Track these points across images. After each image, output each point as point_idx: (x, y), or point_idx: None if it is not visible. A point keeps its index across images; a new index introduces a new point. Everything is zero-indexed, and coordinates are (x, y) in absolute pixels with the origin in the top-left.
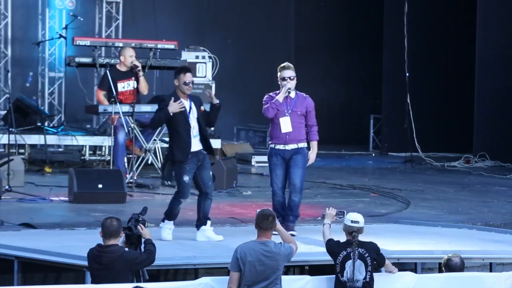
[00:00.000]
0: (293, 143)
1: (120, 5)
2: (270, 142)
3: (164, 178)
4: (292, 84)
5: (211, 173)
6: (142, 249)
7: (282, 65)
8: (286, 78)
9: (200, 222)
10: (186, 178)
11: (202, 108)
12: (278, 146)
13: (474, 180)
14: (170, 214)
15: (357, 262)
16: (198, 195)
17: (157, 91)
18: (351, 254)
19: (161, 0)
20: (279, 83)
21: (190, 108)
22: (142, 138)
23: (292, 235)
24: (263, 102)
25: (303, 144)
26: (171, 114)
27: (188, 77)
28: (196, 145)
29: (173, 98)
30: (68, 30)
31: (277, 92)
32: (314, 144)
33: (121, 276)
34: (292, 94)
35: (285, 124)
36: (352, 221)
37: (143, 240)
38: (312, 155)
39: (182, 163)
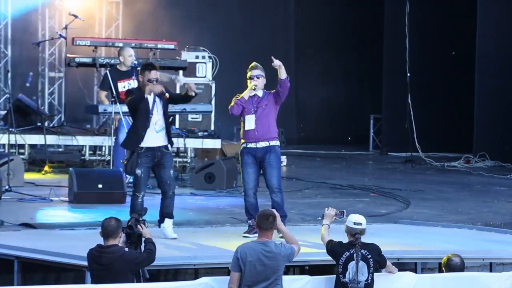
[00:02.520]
0: (264, 140)
1: (120, 5)
2: (241, 142)
3: (127, 172)
4: (259, 82)
5: (171, 171)
6: (142, 249)
7: (251, 65)
8: (253, 77)
9: (160, 220)
10: (138, 172)
11: (166, 95)
12: (249, 145)
13: (474, 180)
14: (133, 211)
15: (360, 264)
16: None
17: None
18: (354, 256)
19: (161, 0)
20: (247, 83)
21: (154, 103)
22: None
23: None
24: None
25: (275, 142)
26: (146, 96)
27: (152, 74)
28: (157, 140)
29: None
30: (68, 30)
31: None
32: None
33: (121, 276)
34: (260, 93)
35: (249, 122)
36: (354, 223)
37: (143, 239)
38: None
39: (136, 155)
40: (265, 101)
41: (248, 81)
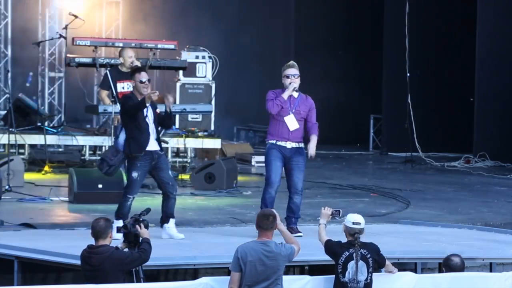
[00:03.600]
0: (295, 141)
1: (120, 5)
2: (269, 139)
3: (104, 170)
4: (296, 82)
5: (170, 172)
6: None
7: (287, 63)
8: (290, 76)
9: (163, 220)
10: (135, 174)
11: (157, 110)
12: (279, 143)
13: (474, 180)
14: (120, 212)
15: (360, 263)
16: (162, 195)
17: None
18: (354, 255)
19: (161, 0)
20: (283, 81)
21: (148, 109)
22: None
23: (299, 236)
24: (267, 98)
25: (302, 144)
26: (148, 104)
27: (143, 75)
28: (153, 145)
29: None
30: (68, 30)
31: (280, 90)
32: (313, 137)
33: (111, 276)
34: (295, 94)
35: (291, 122)
36: (353, 223)
37: (140, 239)
38: (311, 146)
39: (135, 158)
40: (303, 107)
41: (285, 79)
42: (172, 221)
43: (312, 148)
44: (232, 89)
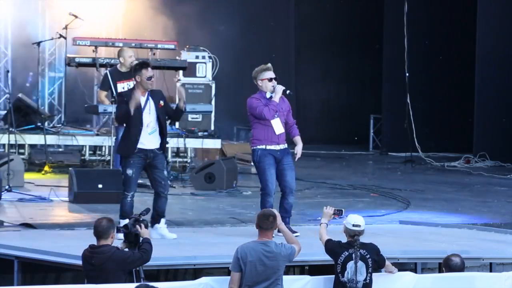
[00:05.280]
0: (283, 143)
1: (120, 5)
2: (258, 144)
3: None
4: (278, 85)
5: (165, 172)
6: None
7: (266, 66)
8: (272, 79)
9: (154, 220)
10: (129, 172)
11: (161, 103)
12: (270, 147)
13: (474, 180)
14: (122, 211)
15: (359, 264)
16: (154, 194)
17: None
18: (353, 255)
19: (161, 0)
20: (260, 84)
21: (146, 103)
22: None
23: (296, 235)
24: (254, 106)
25: (286, 144)
26: (131, 110)
27: (149, 72)
28: (149, 142)
29: (134, 93)
30: (68, 30)
31: (258, 95)
32: (299, 139)
33: (113, 276)
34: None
35: (278, 126)
36: (353, 225)
37: (141, 239)
38: (299, 148)
39: (127, 156)
40: (284, 106)
41: (265, 82)
42: (163, 221)
43: (299, 150)
44: (232, 89)
